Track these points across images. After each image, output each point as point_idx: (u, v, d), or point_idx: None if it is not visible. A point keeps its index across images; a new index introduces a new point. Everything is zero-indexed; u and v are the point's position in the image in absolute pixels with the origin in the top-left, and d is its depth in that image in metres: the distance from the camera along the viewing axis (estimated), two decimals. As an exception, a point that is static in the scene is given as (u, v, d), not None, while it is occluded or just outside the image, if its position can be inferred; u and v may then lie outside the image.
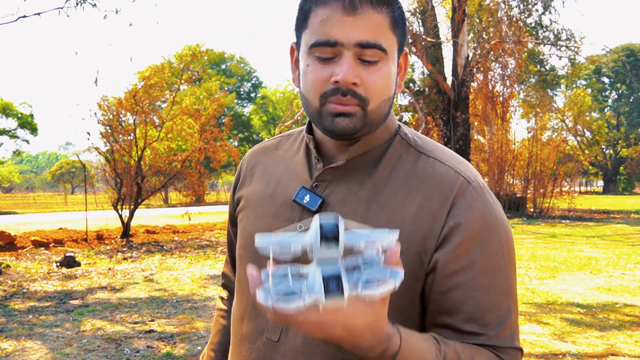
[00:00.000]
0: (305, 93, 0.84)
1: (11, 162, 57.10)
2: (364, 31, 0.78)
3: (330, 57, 0.80)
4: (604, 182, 49.90)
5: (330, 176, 0.87)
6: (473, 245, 0.80)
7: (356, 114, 0.80)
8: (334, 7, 0.78)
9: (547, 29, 20.90)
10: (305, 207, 0.86)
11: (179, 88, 13.41)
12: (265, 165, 0.99)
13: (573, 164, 21.81)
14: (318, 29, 0.80)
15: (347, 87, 0.79)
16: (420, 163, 0.86)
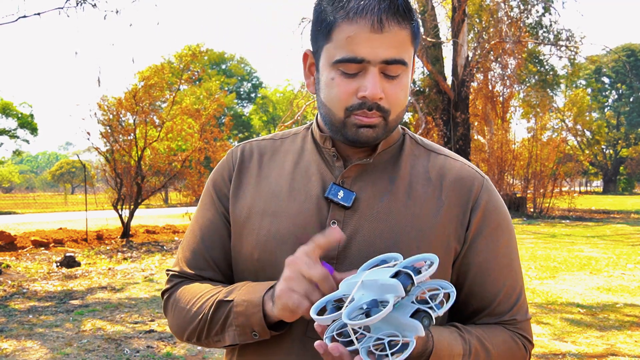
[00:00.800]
0: (328, 104, 0.86)
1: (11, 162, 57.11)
2: (390, 49, 0.81)
3: (355, 72, 0.83)
4: (603, 182, 49.91)
5: (354, 173, 0.90)
6: (496, 232, 0.90)
7: (379, 125, 0.85)
8: (361, 25, 0.80)
9: (547, 29, 20.90)
10: (337, 204, 0.87)
11: (179, 88, 13.41)
12: (266, 165, 0.96)
13: (573, 164, 21.81)
14: (345, 45, 0.82)
15: (373, 102, 0.83)
16: (433, 160, 0.93)
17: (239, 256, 0.94)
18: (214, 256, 0.97)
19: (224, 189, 0.97)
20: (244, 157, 0.99)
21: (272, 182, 0.94)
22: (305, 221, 0.88)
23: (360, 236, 0.86)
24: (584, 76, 42.23)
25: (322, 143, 0.93)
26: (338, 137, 0.89)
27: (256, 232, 0.91)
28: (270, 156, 0.98)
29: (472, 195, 0.90)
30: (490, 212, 0.90)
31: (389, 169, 0.91)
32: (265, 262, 0.90)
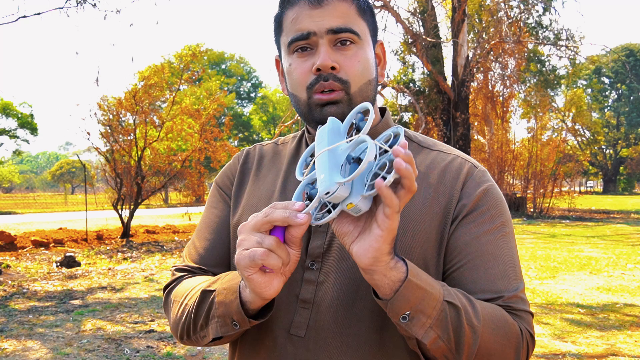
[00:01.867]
0: (293, 90, 0.89)
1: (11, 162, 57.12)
2: (333, 18, 0.84)
3: (307, 49, 0.86)
4: (603, 182, 49.91)
5: None
6: (487, 215, 0.87)
7: (342, 100, 0.85)
8: (301, 5, 0.85)
9: (547, 29, 20.91)
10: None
11: (179, 88, 13.41)
12: (264, 167, 1.00)
13: (573, 164, 21.81)
14: (291, 27, 0.86)
15: (327, 71, 0.84)
16: (425, 155, 0.92)
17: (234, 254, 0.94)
18: (220, 252, 0.97)
19: (228, 189, 1.01)
20: (247, 159, 1.02)
21: (268, 184, 0.97)
22: None
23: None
24: (584, 76, 42.22)
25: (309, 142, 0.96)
26: (310, 124, 0.90)
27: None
28: (270, 159, 1.00)
29: (460, 179, 0.88)
30: (483, 195, 0.87)
31: None
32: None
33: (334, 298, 0.84)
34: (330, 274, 0.85)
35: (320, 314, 0.85)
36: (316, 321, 0.85)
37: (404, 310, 0.72)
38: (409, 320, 0.73)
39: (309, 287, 0.86)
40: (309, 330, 0.85)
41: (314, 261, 0.86)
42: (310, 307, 0.85)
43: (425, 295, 0.73)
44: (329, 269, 0.85)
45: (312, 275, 0.86)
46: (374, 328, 0.84)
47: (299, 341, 0.85)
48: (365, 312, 0.84)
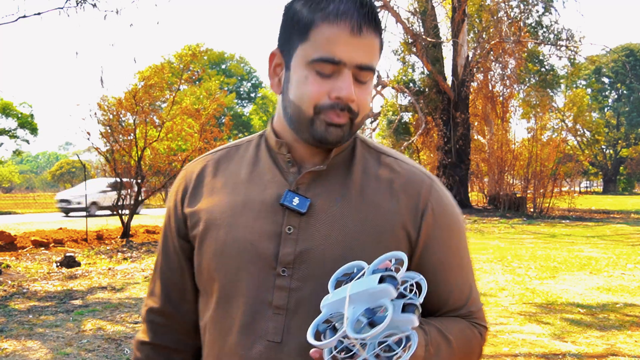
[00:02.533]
0: (298, 101, 0.87)
1: (11, 162, 57.12)
2: (365, 54, 0.85)
3: (329, 73, 0.85)
4: (603, 182, 49.91)
5: (308, 179, 0.91)
6: (447, 233, 0.93)
7: (346, 125, 0.87)
8: (342, 27, 0.83)
9: (547, 29, 20.90)
10: (293, 210, 0.88)
11: (179, 88, 13.41)
12: (221, 175, 0.97)
13: (573, 164, 21.81)
14: (323, 45, 0.84)
15: (346, 103, 0.85)
16: (383, 163, 0.95)
17: (199, 270, 0.95)
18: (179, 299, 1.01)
19: (180, 211, 0.98)
20: (198, 173, 0.99)
21: (227, 193, 0.94)
22: (261, 228, 0.89)
23: (316, 242, 0.88)
24: (584, 76, 42.22)
25: (277, 149, 0.94)
26: (304, 136, 0.89)
27: (214, 243, 0.91)
28: (225, 166, 0.98)
29: (422, 199, 0.91)
30: (440, 215, 0.92)
31: (341, 173, 0.92)
32: (222, 270, 0.90)
33: (310, 304, 0.85)
34: (306, 281, 0.87)
35: (295, 320, 0.86)
36: (291, 327, 0.86)
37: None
38: None
39: (281, 294, 0.87)
40: (285, 335, 0.86)
41: (285, 268, 0.87)
42: (284, 313, 0.87)
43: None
44: (303, 275, 0.87)
45: (284, 281, 0.87)
46: None
47: (275, 346, 0.86)
48: None
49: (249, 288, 0.88)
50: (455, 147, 19.84)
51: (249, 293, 0.88)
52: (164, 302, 1.01)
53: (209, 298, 0.93)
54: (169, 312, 1.01)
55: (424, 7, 20.09)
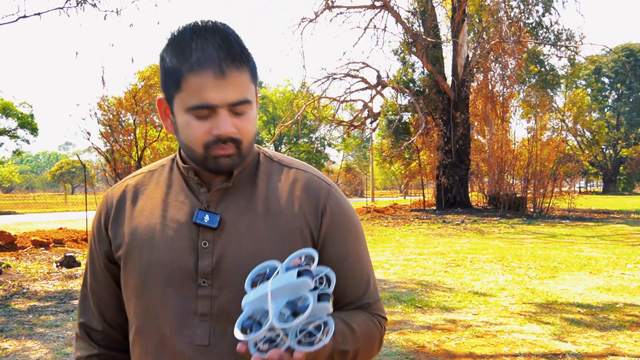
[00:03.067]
0: (188, 143, 0.97)
1: (11, 162, 57.09)
2: (234, 92, 0.93)
3: (207, 115, 0.94)
4: (603, 182, 49.91)
5: (217, 197, 1.01)
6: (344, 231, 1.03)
7: (234, 154, 0.96)
8: (206, 75, 0.91)
9: (547, 29, 20.89)
10: (206, 226, 0.98)
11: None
12: (139, 199, 1.05)
13: (573, 164, 21.79)
14: (194, 93, 0.92)
15: (226, 137, 0.94)
16: (286, 173, 1.05)
17: (125, 287, 1.02)
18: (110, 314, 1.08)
19: (104, 234, 1.06)
20: (118, 198, 1.07)
21: (146, 216, 1.02)
22: (180, 246, 0.98)
23: (229, 252, 0.97)
24: (584, 76, 42.22)
25: (186, 173, 1.03)
26: (201, 169, 1.00)
27: (138, 262, 0.99)
28: (142, 191, 1.06)
29: (321, 202, 1.02)
30: (337, 215, 1.03)
31: (247, 188, 1.02)
32: (148, 287, 0.98)
33: (231, 308, 0.95)
34: (224, 288, 0.96)
35: (219, 324, 0.96)
36: (217, 331, 0.96)
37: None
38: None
39: (204, 302, 0.96)
40: (211, 338, 0.95)
41: (205, 279, 0.96)
42: (208, 319, 0.96)
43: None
44: (221, 284, 0.96)
45: (206, 291, 0.96)
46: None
47: (205, 349, 0.96)
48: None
49: (175, 300, 0.96)
50: (455, 147, 19.83)
51: (176, 304, 0.96)
52: (98, 319, 1.09)
53: (137, 312, 1.00)
54: (102, 327, 1.09)
55: (424, 7, 20.08)
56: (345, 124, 24.95)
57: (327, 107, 26.33)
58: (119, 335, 1.09)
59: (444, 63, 21.01)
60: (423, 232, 13.23)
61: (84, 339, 1.10)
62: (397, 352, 4.05)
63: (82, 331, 1.11)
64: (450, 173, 19.38)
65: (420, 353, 4.04)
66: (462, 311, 5.31)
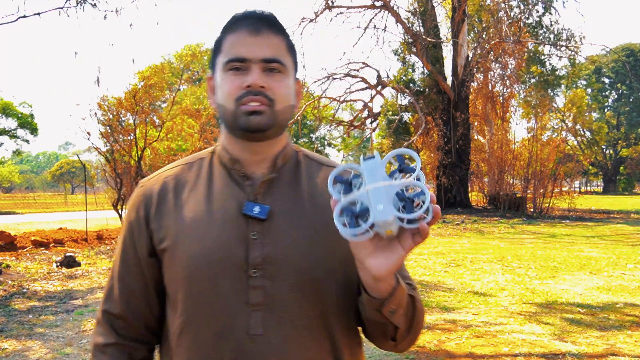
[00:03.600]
0: (221, 101, 1.01)
1: (11, 162, 57.08)
2: (267, 49, 0.99)
3: (240, 69, 0.98)
4: (603, 182, 49.90)
5: (263, 189, 1.02)
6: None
7: (266, 112, 0.98)
8: (241, 32, 1.00)
9: (548, 29, 20.88)
10: (255, 218, 0.99)
11: (179, 88, 13.42)
12: (182, 191, 1.06)
13: (573, 164, 21.79)
14: (230, 49, 0.99)
15: (257, 89, 0.97)
16: (325, 172, 1.07)
17: (172, 280, 1.02)
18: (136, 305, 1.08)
19: (144, 227, 1.05)
20: (159, 190, 1.07)
21: (191, 208, 1.03)
22: (229, 237, 0.99)
23: (280, 243, 0.98)
24: (584, 76, 42.22)
25: (231, 165, 1.04)
26: (234, 132, 1.02)
27: (186, 254, 1.00)
28: (183, 184, 1.07)
29: None
30: None
31: (291, 182, 1.05)
32: (198, 279, 0.99)
33: (283, 298, 0.97)
34: (276, 278, 0.97)
35: (272, 313, 0.97)
36: (270, 319, 0.96)
37: (393, 306, 0.92)
38: (393, 313, 0.92)
39: (256, 292, 0.97)
40: (265, 328, 0.96)
41: (256, 269, 0.97)
42: (261, 308, 0.97)
43: (403, 294, 0.93)
44: (273, 274, 0.97)
45: (257, 281, 0.97)
46: (321, 317, 0.99)
47: (259, 338, 0.96)
48: (311, 306, 0.98)
49: (226, 291, 0.97)
50: (455, 147, 19.83)
51: (228, 295, 0.97)
52: (123, 307, 1.08)
53: (187, 303, 1.00)
54: (126, 316, 1.08)
55: (424, 7, 20.08)
56: (345, 124, 24.96)
57: (327, 107, 26.34)
58: (141, 325, 1.09)
59: (444, 63, 21.01)
60: (423, 232, 13.22)
61: (105, 326, 1.10)
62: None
63: (104, 317, 1.11)
64: (450, 173, 19.38)
65: (420, 353, 4.04)
66: (462, 311, 5.31)
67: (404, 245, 0.84)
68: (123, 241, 1.09)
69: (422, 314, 1.03)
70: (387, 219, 0.79)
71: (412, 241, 0.83)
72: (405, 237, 0.84)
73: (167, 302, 1.05)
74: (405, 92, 20.93)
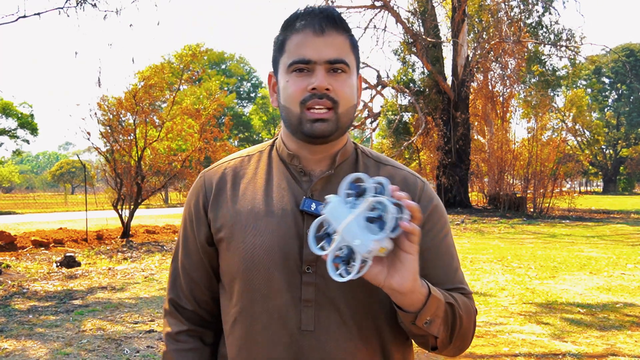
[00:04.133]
0: (286, 103, 1.01)
1: (11, 162, 57.09)
2: (331, 50, 0.98)
3: (305, 70, 0.98)
4: (603, 182, 49.90)
5: (320, 186, 1.03)
6: (439, 223, 1.06)
7: (330, 119, 0.99)
8: (306, 32, 0.99)
9: (547, 29, 20.88)
10: (312, 214, 0.99)
11: (179, 88, 13.41)
12: (240, 183, 1.08)
13: (573, 164, 21.79)
14: (294, 50, 0.99)
15: (322, 91, 0.97)
16: (382, 169, 1.09)
17: (227, 270, 1.05)
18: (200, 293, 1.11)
19: (202, 215, 1.08)
20: (218, 180, 1.09)
21: (249, 200, 1.05)
22: (285, 232, 1.00)
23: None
24: (584, 76, 42.21)
25: (289, 161, 1.06)
26: (298, 135, 1.02)
27: (242, 246, 1.01)
28: (241, 176, 1.09)
29: (417, 195, 1.06)
30: (434, 208, 1.07)
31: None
32: (252, 270, 1.01)
33: (334, 295, 0.98)
34: (327, 276, 0.95)
35: (323, 310, 0.98)
36: (321, 316, 0.98)
37: (428, 317, 0.92)
38: (429, 324, 0.93)
39: (308, 289, 0.99)
40: (316, 324, 0.98)
41: (309, 266, 0.99)
42: (312, 305, 0.99)
43: (439, 303, 0.93)
44: (324, 271, 0.95)
45: (310, 278, 0.99)
46: (370, 317, 1.01)
47: (309, 334, 0.98)
48: (360, 305, 1.00)
49: (280, 285, 0.99)
50: (455, 147, 19.83)
51: (282, 289, 0.99)
52: (187, 296, 1.11)
53: (238, 295, 1.03)
54: (192, 304, 1.11)
55: (424, 7, 20.08)
56: (345, 124, 24.91)
57: (327, 107, 26.25)
58: (205, 313, 1.12)
59: (444, 63, 21.02)
60: (423, 232, 13.22)
61: (174, 315, 1.13)
62: (397, 352, 4.05)
63: (171, 307, 1.13)
64: (450, 173, 19.38)
65: (420, 353, 4.04)
66: (462, 311, 5.31)
67: (406, 249, 0.85)
68: (184, 230, 1.11)
69: (467, 321, 1.02)
70: (370, 248, 0.81)
71: (409, 241, 0.84)
72: (402, 242, 0.85)
73: (222, 291, 1.08)
74: (405, 92, 20.93)
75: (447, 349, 1.01)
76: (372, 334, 1.01)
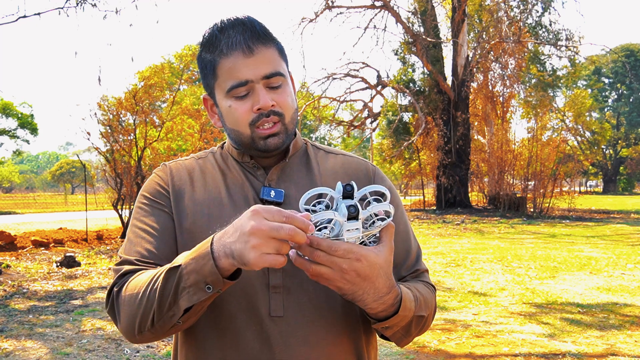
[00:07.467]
0: (234, 127, 1.03)
1: (11, 162, 57.08)
2: (265, 65, 1.00)
3: (245, 94, 1.00)
4: (603, 182, 49.90)
5: (276, 175, 1.07)
6: (394, 203, 1.04)
7: (280, 132, 1.02)
8: (235, 55, 0.99)
9: (547, 29, 20.88)
10: (272, 201, 1.03)
11: (179, 88, 13.41)
12: (199, 179, 1.09)
13: (573, 164, 21.79)
14: (229, 75, 1.00)
15: (267, 109, 1.00)
16: (332, 158, 1.14)
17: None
18: (166, 253, 1.01)
19: (165, 199, 1.06)
20: (177, 172, 1.10)
21: (210, 192, 1.06)
22: None
23: None
24: (584, 76, 42.22)
25: (241, 159, 1.09)
26: (252, 153, 1.06)
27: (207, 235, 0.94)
28: (198, 172, 1.10)
29: (370, 178, 1.11)
30: (388, 188, 1.07)
31: (302, 169, 1.10)
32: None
33: (302, 279, 0.99)
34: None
35: (292, 295, 0.99)
36: (290, 301, 0.99)
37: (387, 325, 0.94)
38: (386, 329, 0.96)
39: (276, 274, 0.99)
40: (285, 310, 0.98)
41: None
42: (281, 290, 0.99)
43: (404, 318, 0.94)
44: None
45: None
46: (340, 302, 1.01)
47: (280, 320, 0.98)
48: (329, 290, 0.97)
49: (247, 272, 0.96)
50: (455, 147, 19.83)
51: (249, 276, 0.98)
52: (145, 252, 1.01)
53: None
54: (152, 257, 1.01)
55: (424, 7, 20.08)
56: (345, 124, 24.96)
57: (327, 107, 26.34)
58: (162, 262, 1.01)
59: (444, 63, 21.01)
60: (423, 232, 13.23)
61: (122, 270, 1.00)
62: (398, 352, 4.06)
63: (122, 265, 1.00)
64: (450, 173, 19.37)
65: (420, 353, 4.04)
66: (462, 311, 5.31)
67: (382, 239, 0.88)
68: (138, 209, 1.06)
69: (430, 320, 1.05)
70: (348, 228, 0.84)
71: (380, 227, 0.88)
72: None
73: None
74: (405, 92, 20.93)
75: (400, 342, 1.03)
76: (342, 317, 1.02)
